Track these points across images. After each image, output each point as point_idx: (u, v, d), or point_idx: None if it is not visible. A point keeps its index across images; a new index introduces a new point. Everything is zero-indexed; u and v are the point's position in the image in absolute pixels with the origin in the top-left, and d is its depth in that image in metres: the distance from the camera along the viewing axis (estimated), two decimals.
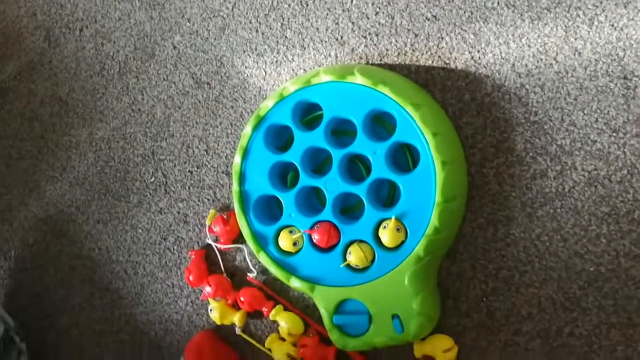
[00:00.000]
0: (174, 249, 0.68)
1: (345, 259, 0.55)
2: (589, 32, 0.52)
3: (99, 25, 0.73)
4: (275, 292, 0.63)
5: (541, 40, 0.54)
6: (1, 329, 0.66)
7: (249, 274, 0.63)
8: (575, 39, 0.53)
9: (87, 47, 0.74)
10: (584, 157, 0.53)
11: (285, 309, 0.61)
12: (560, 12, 0.53)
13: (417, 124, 0.53)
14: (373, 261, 0.54)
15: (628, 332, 0.51)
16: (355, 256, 0.54)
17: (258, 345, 0.63)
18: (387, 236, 0.53)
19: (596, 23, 0.52)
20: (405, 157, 0.57)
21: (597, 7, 0.52)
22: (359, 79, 0.55)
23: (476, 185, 0.56)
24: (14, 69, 0.78)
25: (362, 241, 0.55)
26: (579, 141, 0.53)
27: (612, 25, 0.52)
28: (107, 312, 0.71)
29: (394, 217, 0.53)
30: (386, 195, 0.57)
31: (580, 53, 0.53)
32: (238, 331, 0.63)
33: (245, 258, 0.64)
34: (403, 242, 0.53)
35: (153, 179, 0.70)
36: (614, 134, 0.52)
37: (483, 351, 0.55)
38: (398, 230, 0.53)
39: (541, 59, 0.54)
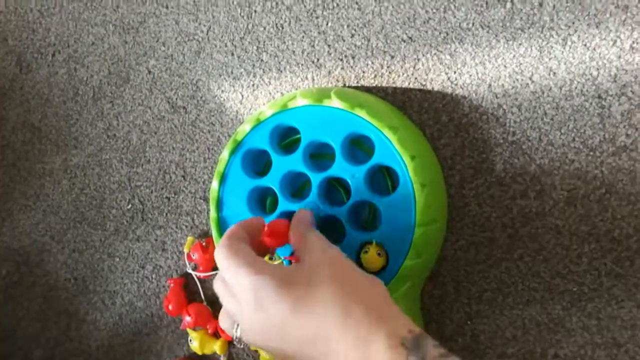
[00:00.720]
0: (152, 277, 0.67)
1: None
2: (562, 51, 0.53)
3: (72, 49, 0.72)
4: None
5: (516, 60, 0.54)
6: None
7: None
8: (550, 59, 0.53)
9: (60, 72, 0.73)
10: (562, 176, 0.53)
11: None
12: (533, 32, 0.54)
13: (394, 147, 0.52)
14: None
15: (612, 352, 0.50)
16: None
17: None
18: (368, 261, 0.52)
19: (569, 43, 0.53)
20: (384, 180, 0.56)
21: (569, 27, 0.52)
22: (335, 103, 0.54)
23: (456, 206, 0.56)
24: None
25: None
26: (557, 160, 0.53)
27: (585, 45, 0.52)
28: (83, 344, 0.69)
29: (374, 242, 0.52)
30: (366, 217, 0.57)
31: (554, 73, 0.53)
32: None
33: None
34: (384, 267, 0.52)
35: (129, 205, 0.68)
36: (591, 153, 0.52)
37: None
38: (379, 254, 0.52)
39: (517, 79, 0.54)
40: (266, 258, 0.56)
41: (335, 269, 0.41)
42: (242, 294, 0.39)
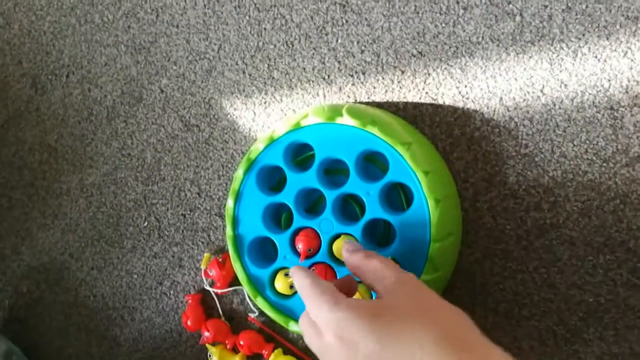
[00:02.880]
0: (169, 294, 0.68)
1: None
2: (573, 64, 0.53)
3: (85, 70, 0.73)
4: (275, 333, 0.62)
5: (527, 73, 0.54)
6: (3, 346, 0.65)
7: (249, 314, 0.63)
8: (560, 71, 0.53)
9: (74, 92, 0.74)
10: (575, 188, 0.53)
11: (285, 352, 0.61)
12: (543, 45, 0.54)
13: (407, 163, 0.53)
14: None
15: None
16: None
17: None
18: None
19: (580, 55, 0.53)
20: (399, 196, 0.57)
21: (579, 39, 0.53)
22: (347, 120, 0.55)
23: (470, 219, 0.56)
24: (1, 117, 0.78)
25: (358, 282, 0.54)
26: (570, 172, 0.53)
27: (596, 57, 0.52)
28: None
29: (389, 258, 0.53)
30: (381, 234, 0.57)
31: (566, 85, 0.53)
32: None
33: (241, 301, 0.64)
34: None
35: (146, 223, 0.69)
36: (604, 164, 0.52)
37: None
38: None
39: (528, 92, 0.54)
40: (281, 274, 0.57)
41: (416, 298, 0.40)
42: (328, 332, 0.39)
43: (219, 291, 0.64)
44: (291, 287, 0.57)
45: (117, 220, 0.71)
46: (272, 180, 0.60)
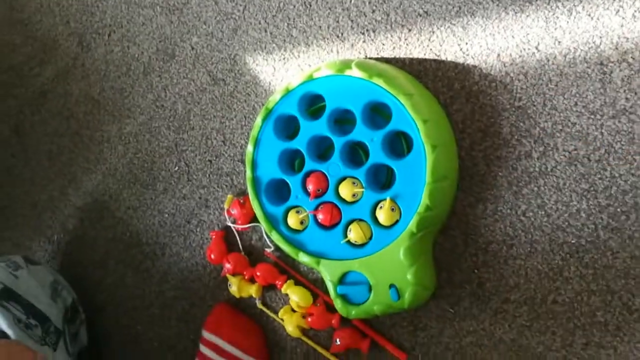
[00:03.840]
0: (196, 231, 0.75)
1: (346, 236, 0.61)
2: (568, 22, 0.57)
3: (125, 29, 0.81)
4: (287, 266, 0.69)
5: (523, 31, 0.58)
6: (69, 299, 0.75)
7: (266, 249, 0.70)
8: (555, 29, 0.57)
9: (115, 50, 0.82)
10: (564, 138, 0.57)
11: (296, 283, 0.67)
12: (540, 4, 0.58)
13: (408, 112, 0.58)
14: (371, 237, 0.60)
15: (607, 298, 0.55)
16: (354, 233, 0.60)
17: (273, 316, 0.69)
18: (382, 215, 0.59)
19: (574, 13, 0.56)
20: (401, 144, 0.62)
21: None
22: (356, 72, 0.60)
23: (466, 166, 0.61)
24: (51, 73, 0.86)
25: (360, 220, 0.60)
26: (559, 123, 0.57)
27: (589, 15, 0.56)
28: (138, 290, 0.79)
29: (388, 198, 0.58)
30: (384, 179, 0.63)
31: (559, 42, 0.57)
32: (258, 304, 0.70)
33: (259, 238, 0.71)
34: (397, 221, 0.58)
35: (176, 167, 0.77)
36: (592, 116, 0.56)
37: (475, 318, 0.60)
38: (392, 209, 0.58)
39: (524, 49, 0.58)
40: (293, 212, 0.64)
41: None
42: None
43: (240, 227, 0.71)
44: (301, 222, 0.63)
45: (151, 165, 0.78)
46: (288, 128, 0.66)
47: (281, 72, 0.70)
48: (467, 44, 0.61)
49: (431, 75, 0.62)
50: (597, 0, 0.55)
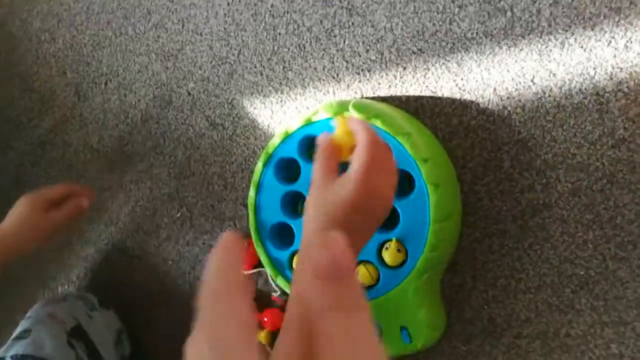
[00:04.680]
0: (201, 278, 0.75)
1: None
2: (561, 54, 0.57)
3: (121, 78, 0.81)
4: None
5: (518, 64, 0.59)
6: (128, 349, 0.74)
7: (272, 294, 0.69)
8: (549, 62, 0.57)
9: (112, 98, 0.82)
10: (565, 169, 0.57)
11: None
12: (533, 38, 0.58)
13: (408, 152, 0.58)
14: (378, 279, 0.59)
15: (620, 330, 0.55)
16: (361, 275, 0.60)
17: None
18: (389, 256, 0.58)
19: (567, 46, 0.57)
20: (403, 183, 0.62)
21: (566, 31, 0.57)
22: (353, 115, 0.60)
23: (469, 202, 0.61)
24: (49, 123, 0.87)
25: (367, 261, 0.60)
26: (560, 155, 0.57)
27: (582, 47, 0.56)
28: (148, 341, 0.78)
29: (394, 239, 0.58)
30: (388, 218, 0.62)
31: (554, 74, 0.57)
32: (268, 350, 0.69)
33: (265, 282, 0.70)
34: (404, 261, 0.58)
35: (179, 214, 0.76)
36: (592, 147, 0.56)
37: (487, 355, 0.60)
38: (399, 250, 0.58)
39: (519, 82, 0.59)
40: (298, 256, 0.63)
41: None
42: None
43: (245, 273, 0.70)
44: None
45: (153, 212, 0.78)
46: (289, 171, 0.66)
47: (279, 115, 0.71)
48: (462, 79, 0.61)
49: (428, 112, 0.63)
50: (589, 32, 0.56)
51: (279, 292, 0.69)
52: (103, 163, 0.82)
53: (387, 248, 0.59)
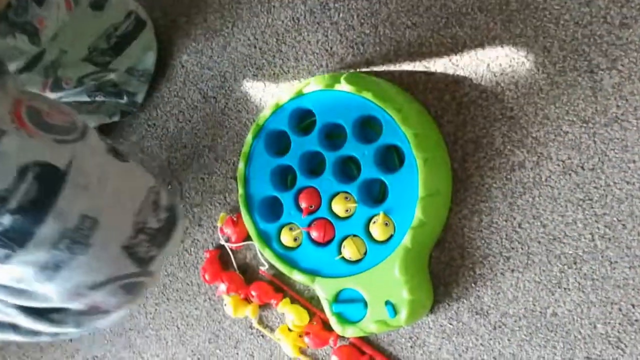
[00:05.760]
0: (190, 250, 0.75)
1: (340, 252, 0.60)
2: (556, 30, 0.56)
3: None
4: (283, 284, 0.68)
5: (512, 40, 0.58)
6: None
7: (260, 267, 0.69)
8: (544, 38, 0.57)
9: None
10: (557, 147, 0.56)
11: (292, 301, 0.67)
12: (528, 14, 0.57)
13: (399, 126, 0.57)
14: (365, 253, 0.59)
15: (606, 310, 0.54)
16: (349, 249, 0.59)
17: (270, 335, 0.68)
18: (376, 230, 0.58)
19: (562, 22, 0.56)
20: (393, 157, 0.61)
21: (561, 6, 0.56)
22: (345, 87, 0.60)
23: (459, 178, 0.60)
24: None
25: (354, 235, 0.60)
26: (552, 133, 0.57)
27: (577, 23, 0.55)
28: (133, 311, 0.78)
29: (382, 213, 0.58)
30: (377, 192, 0.62)
31: (548, 50, 0.56)
32: (255, 324, 0.69)
33: (253, 256, 0.70)
34: (392, 235, 0.58)
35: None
36: (584, 125, 0.55)
37: (474, 333, 0.59)
38: (386, 224, 0.58)
39: (513, 58, 0.58)
40: (286, 229, 0.63)
41: None
42: None
43: (234, 245, 0.70)
44: (295, 239, 0.62)
45: None
46: (279, 144, 0.66)
47: (271, 88, 0.70)
48: (456, 54, 0.60)
49: (421, 88, 0.62)
50: (584, 9, 0.55)
51: (267, 266, 0.69)
52: None
53: (374, 222, 0.58)
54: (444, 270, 0.61)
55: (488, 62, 0.59)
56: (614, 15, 0.54)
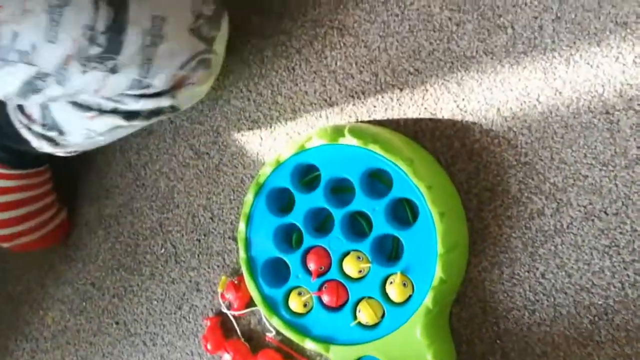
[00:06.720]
0: (189, 317, 0.70)
1: (355, 317, 0.56)
2: (567, 71, 0.54)
3: None
4: (293, 350, 0.63)
5: (522, 83, 0.56)
6: None
7: (267, 334, 0.64)
8: (555, 79, 0.55)
9: None
10: (577, 192, 0.54)
11: None
12: (536, 55, 0.55)
13: (410, 179, 0.54)
14: (383, 316, 0.55)
15: None
16: (365, 313, 0.55)
17: None
18: (394, 291, 0.54)
19: (572, 62, 0.54)
20: (405, 210, 0.58)
21: (570, 47, 0.54)
22: (350, 140, 0.56)
23: (476, 229, 0.57)
24: None
25: (370, 297, 0.56)
26: (570, 177, 0.54)
27: (588, 63, 0.53)
28: None
29: (399, 272, 0.54)
30: (390, 249, 0.59)
31: (560, 92, 0.54)
32: None
33: (258, 321, 0.65)
34: (410, 296, 0.54)
35: (162, 250, 0.71)
36: (604, 167, 0.53)
37: None
38: (404, 284, 0.54)
39: (524, 101, 0.56)
40: (294, 293, 0.59)
41: None
42: None
43: (237, 313, 0.65)
44: (305, 305, 0.58)
45: (135, 249, 0.73)
46: (282, 202, 0.62)
47: (269, 141, 0.67)
48: (463, 100, 0.58)
49: (428, 136, 0.59)
50: (595, 48, 0.53)
51: (274, 332, 0.64)
52: (80, 197, 0.77)
53: (391, 282, 0.55)
54: (466, 327, 0.57)
55: (498, 107, 0.56)
56: (626, 54, 0.52)
